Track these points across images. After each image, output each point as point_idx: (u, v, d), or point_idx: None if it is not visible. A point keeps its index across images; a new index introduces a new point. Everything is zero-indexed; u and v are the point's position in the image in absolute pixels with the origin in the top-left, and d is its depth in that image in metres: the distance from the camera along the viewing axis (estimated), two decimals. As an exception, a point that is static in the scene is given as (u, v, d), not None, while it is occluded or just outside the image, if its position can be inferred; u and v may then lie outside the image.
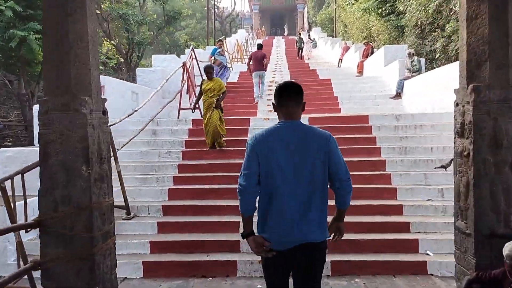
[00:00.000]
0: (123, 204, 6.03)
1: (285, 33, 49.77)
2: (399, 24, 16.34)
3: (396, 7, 16.37)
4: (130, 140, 7.36)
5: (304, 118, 8.77)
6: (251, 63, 13.39)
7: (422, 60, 12.27)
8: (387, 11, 17.07)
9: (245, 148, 2.71)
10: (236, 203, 2.78)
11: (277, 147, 2.53)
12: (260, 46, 14.16)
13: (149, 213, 6.23)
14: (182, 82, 11.35)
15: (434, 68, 12.38)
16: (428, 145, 7.54)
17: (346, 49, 22.22)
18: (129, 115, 7.45)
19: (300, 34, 25.06)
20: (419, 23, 14.46)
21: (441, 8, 12.81)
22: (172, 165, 7.27)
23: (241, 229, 2.64)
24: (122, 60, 21.28)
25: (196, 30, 39.80)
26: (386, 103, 11.90)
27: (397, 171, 6.99)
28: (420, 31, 14.69)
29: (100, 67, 15.48)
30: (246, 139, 2.86)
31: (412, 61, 12.02)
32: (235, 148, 7.80)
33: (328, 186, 2.66)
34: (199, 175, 7.10)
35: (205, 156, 7.67)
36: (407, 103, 11.44)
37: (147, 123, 8.24)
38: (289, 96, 2.65)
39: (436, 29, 13.61)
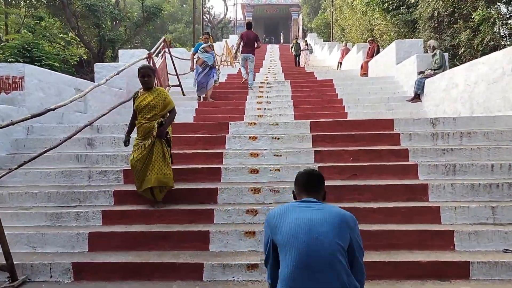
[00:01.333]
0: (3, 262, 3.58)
1: (281, 41, 47.68)
2: (409, 18, 14.13)
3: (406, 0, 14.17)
4: (40, 154, 4.86)
5: (305, 123, 6.39)
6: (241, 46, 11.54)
7: (446, 55, 10.00)
8: (395, 4, 14.85)
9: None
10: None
11: None
12: (249, 26, 11.69)
13: (51, 276, 3.78)
14: (147, 79, 8.94)
15: (457, 65, 10.10)
16: (485, 161, 5.17)
17: (346, 51, 20.04)
18: (33, 116, 4.86)
19: (297, 39, 22.65)
20: (435, 14, 12.22)
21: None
22: (105, 193, 4.80)
23: None
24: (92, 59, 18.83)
25: (184, 35, 37.57)
26: (402, 106, 9.60)
27: (446, 201, 4.61)
28: (437, 24, 12.46)
29: (58, 64, 13.06)
30: (222, 152, 2.87)
31: (434, 55, 9.74)
32: (203, 166, 5.39)
33: None
34: (145, 209, 4.66)
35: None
36: (430, 106, 9.11)
37: (79, 128, 5.78)
38: (311, 185, 2.44)
39: (458, 20, 11.37)
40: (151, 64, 8.96)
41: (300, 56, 21.08)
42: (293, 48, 21.35)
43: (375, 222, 4.35)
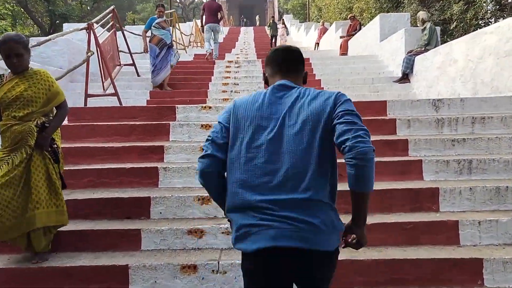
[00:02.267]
0: None
1: (257, 24, 45.88)
2: (393, -8, 12.86)
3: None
4: None
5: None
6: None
7: (438, 29, 8.77)
8: (377, -23, 13.55)
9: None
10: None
11: None
12: None
13: None
14: (87, 53, 7.38)
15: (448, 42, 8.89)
16: (506, 154, 3.95)
17: (324, 31, 18.70)
18: None
19: (273, 18, 21.06)
20: (423, -14, 10.96)
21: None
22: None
23: None
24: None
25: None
26: (388, 88, 8.39)
27: (463, 210, 3.38)
28: (424, -3, 11.21)
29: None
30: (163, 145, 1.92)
31: (423, 29, 8.51)
32: (133, 166, 3.97)
33: None
34: (15, 268, 3.20)
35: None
36: (421, 87, 7.91)
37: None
38: (289, 64, 1.91)
39: (449, -9, 10.15)
40: (92, 38, 7.37)
41: (277, 37, 19.66)
42: (269, 29, 19.78)
43: (369, 244, 3.07)
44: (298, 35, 27.22)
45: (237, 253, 2.82)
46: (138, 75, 9.65)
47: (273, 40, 19.30)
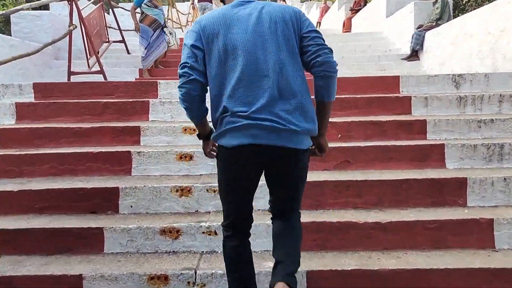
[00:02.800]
0: None
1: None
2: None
3: None
4: None
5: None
6: None
7: (450, 2, 8.07)
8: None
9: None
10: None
11: None
12: None
13: None
14: (69, 27, 6.71)
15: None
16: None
17: (326, 9, 17.91)
18: None
19: None
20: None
21: None
22: None
23: None
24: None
25: None
26: (396, 66, 7.74)
27: (497, 205, 2.79)
28: (434, -31, 10.41)
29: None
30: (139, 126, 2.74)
31: (435, 2, 7.82)
32: (101, 150, 3.37)
33: None
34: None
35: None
36: (432, 64, 7.25)
37: None
38: None
39: (462, -37, 9.38)
40: (73, 10, 6.68)
41: None
42: None
43: (384, 247, 2.50)
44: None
45: (219, 258, 2.37)
46: (128, 53, 9.02)
47: None
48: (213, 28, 1.80)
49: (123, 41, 8.90)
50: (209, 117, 1.90)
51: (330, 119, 2.02)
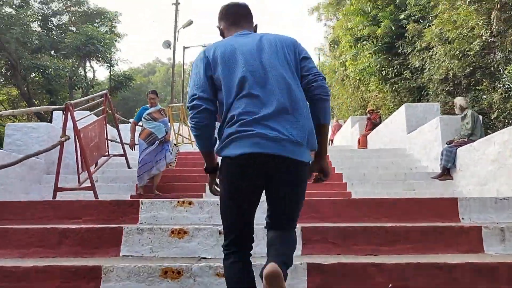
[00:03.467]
0: None
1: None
2: (414, 84, 11.88)
3: (409, 63, 12.03)
4: None
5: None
6: None
7: (480, 117, 7.42)
8: (395, 71, 12.73)
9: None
10: None
11: None
12: None
13: None
14: (61, 138, 6.06)
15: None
16: None
17: (338, 127, 17.77)
18: None
19: None
20: (450, 76, 9.94)
21: (489, 50, 8.37)
22: None
23: None
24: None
25: (165, 92, 35.63)
26: (426, 186, 6.84)
27: None
28: (452, 87, 10.13)
29: None
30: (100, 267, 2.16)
31: (463, 117, 7.18)
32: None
33: None
34: None
35: None
36: (469, 185, 6.32)
37: None
38: (240, 17, 2.17)
39: (483, 80, 9.02)
40: (68, 121, 6.11)
41: None
42: None
43: None
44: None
45: None
46: (129, 167, 8.31)
47: None
48: (220, 53, 1.94)
49: (124, 155, 8.26)
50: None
51: (374, 260, 1.08)
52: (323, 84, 1.99)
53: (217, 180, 2.08)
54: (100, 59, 18.02)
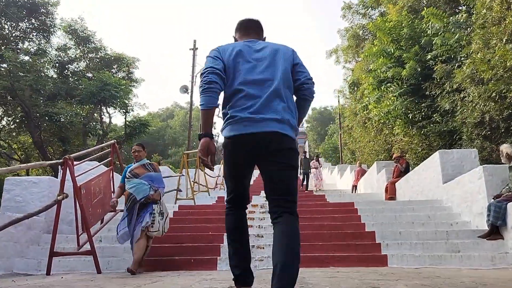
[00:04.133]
0: None
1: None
2: (445, 128, 11.08)
3: (438, 105, 11.30)
4: None
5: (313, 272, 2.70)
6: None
7: (529, 166, 6.56)
8: (423, 113, 11.99)
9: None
10: None
11: None
12: None
13: None
14: (58, 196, 5.46)
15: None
16: None
17: (361, 172, 16.85)
18: None
19: (305, 153, 18.40)
20: (486, 119, 9.15)
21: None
22: None
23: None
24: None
25: (183, 137, 35.23)
26: (473, 246, 6.00)
27: None
28: (489, 131, 9.30)
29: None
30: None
31: (511, 167, 6.35)
32: None
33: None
34: None
35: None
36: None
37: None
38: (251, 29, 2.78)
39: (525, 122, 8.21)
40: (66, 175, 5.52)
41: (309, 176, 16.99)
42: (301, 165, 16.67)
43: None
44: (331, 178, 25.58)
45: None
46: (137, 223, 7.61)
47: (305, 180, 16.89)
48: (230, 51, 2.54)
49: (133, 209, 7.59)
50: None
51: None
52: (312, 87, 2.63)
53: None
54: (115, 105, 17.82)
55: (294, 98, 2.63)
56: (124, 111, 18.01)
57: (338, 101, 31.04)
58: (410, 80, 12.11)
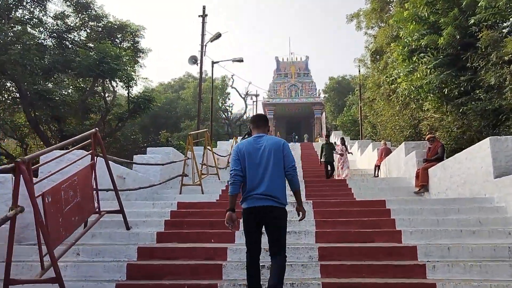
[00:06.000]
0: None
1: (305, 141, 43.79)
2: (489, 107, 9.47)
3: (482, 79, 9.66)
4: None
5: None
6: None
7: None
8: (462, 88, 10.35)
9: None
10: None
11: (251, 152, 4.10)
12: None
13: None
14: (10, 211, 4.22)
15: None
16: None
17: (386, 151, 15.31)
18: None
19: (327, 138, 15.60)
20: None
21: None
22: None
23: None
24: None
25: (195, 108, 33.99)
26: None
27: None
28: (548, 111, 7.69)
29: None
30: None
31: None
32: None
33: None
34: None
35: None
36: None
37: None
38: (261, 123, 4.25)
39: None
40: (20, 180, 4.27)
41: (333, 165, 14.33)
42: (323, 153, 14.19)
43: None
44: (350, 155, 24.04)
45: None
46: (128, 228, 6.44)
47: (329, 169, 14.15)
48: (244, 149, 4.01)
49: (120, 211, 6.40)
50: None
51: None
52: (292, 171, 4.01)
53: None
54: (118, 79, 16.42)
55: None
56: (127, 85, 16.65)
57: (359, 71, 29.08)
58: (448, 49, 10.43)
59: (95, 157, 6.30)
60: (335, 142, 16.03)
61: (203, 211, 6.99)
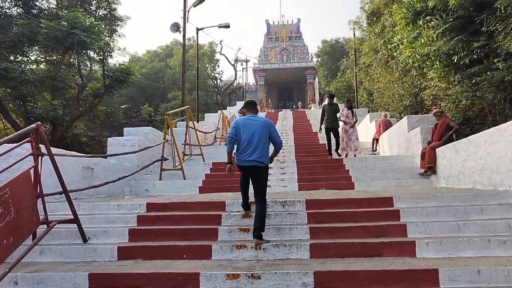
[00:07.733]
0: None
1: (298, 108, 42.49)
2: (508, 78, 8.25)
3: (498, 47, 8.39)
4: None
5: None
6: None
7: None
8: (474, 56, 9.08)
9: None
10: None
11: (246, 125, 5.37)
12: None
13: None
14: None
15: None
16: None
17: (385, 124, 14.16)
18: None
19: (332, 98, 12.06)
20: None
21: None
22: None
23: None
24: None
25: (187, 103, 32.57)
26: None
27: None
28: None
29: None
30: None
31: None
32: None
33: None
34: None
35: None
36: None
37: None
38: (252, 107, 5.62)
39: None
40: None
41: (338, 132, 11.66)
42: (324, 117, 11.43)
43: None
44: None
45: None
46: (85, 240, 5.34)
47: (335, 140, 11.55)
48: (241, 124, 5.32)
49: (75, 220, 5.26)
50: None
51: None
52: (277, 146, 5.48)
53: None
54: (90, 51, 14.83)
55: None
56: (102, 57, 15.11)
57: (354, 34, 27.40)
58: (459, 11, 9.09)
59: (38, 157, 5.09)
60: (349, 105, 13.24)
61: (175, 215, 5.85)
